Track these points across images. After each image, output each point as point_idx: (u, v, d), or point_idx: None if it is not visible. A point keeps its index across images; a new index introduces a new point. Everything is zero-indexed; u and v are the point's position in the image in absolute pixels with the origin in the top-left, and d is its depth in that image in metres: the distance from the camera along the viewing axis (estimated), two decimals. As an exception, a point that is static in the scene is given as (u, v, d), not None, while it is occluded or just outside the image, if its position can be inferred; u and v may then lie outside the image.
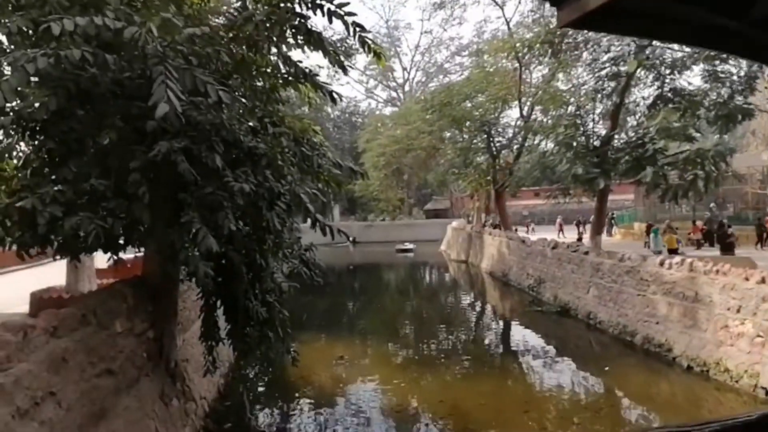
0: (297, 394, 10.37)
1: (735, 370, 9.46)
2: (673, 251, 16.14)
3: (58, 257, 5.45)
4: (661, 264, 12.08)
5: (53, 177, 4.27)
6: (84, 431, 4.05)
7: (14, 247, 4.85)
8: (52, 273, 10.77)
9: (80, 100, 4.16)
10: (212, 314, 6.02)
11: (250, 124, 5.20)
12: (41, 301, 8.04)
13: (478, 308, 21.23)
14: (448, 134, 32.64)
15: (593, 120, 19.10)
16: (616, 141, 17.69)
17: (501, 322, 18.44)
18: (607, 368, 11.44)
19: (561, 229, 31.80)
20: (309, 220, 5.93)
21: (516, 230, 30.02)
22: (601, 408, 9.58)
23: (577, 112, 18.19)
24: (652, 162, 15.27)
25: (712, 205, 26.45)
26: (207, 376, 7.19)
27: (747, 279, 9.59)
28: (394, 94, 64.41)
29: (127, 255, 6.55)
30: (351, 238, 52.96)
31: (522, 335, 15.59)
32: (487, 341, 15.68)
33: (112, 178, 4.11)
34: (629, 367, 11.49)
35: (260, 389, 10.95)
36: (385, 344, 14.61)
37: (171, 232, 4.31)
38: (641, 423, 9.14)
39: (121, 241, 5.91)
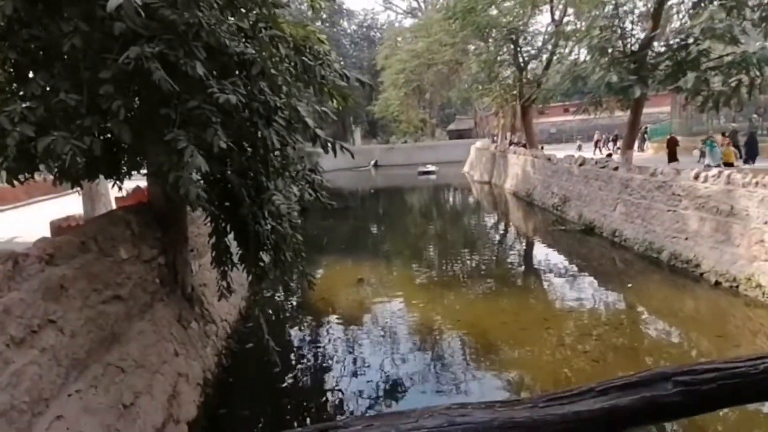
0: (318, 315, 10.64)
1: (768, 285, 9.10)
2: (729, 165, 14.79)
3: (59, 185, 5.30)
4: (696, 177, 11.35)
5: (21, 93, 3.95)
6: (94, 355, 4.10)
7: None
8: (78, 202, 10.90)
9: (41, 2, 3.71)
10: (222, 239, 5.89)
11: (239, 24, 4.63)
12: (60, 229, 8.11)
13: (500, 229, 21.01)
14: (472, 47, 30.52)
15: (632, 21, 17.29)
16: (656, 44, 16.08)
17: (524, 242, 18.25)
18: (630, 285, 11.26)
19: (597, 146, 30.45)
20: (326, 143, 5.55)
21: (542, 148, 28.82)
22: (621, 323, 9.50)
23: (615, 12, 16.43)
24: (694, 66, 13.86)
25: (753, 115, 24.58)
26: (228, 299, 7.29)
27: (791, 191, 8.89)
28: (414, 4, 60.04)
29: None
30: (373, 162, 52.77)
31: (545, 254, 15.42)
32: (509, 261, 15.60)
33: (85, 92, 3.75)
34: (653, 283, 11.27)
35: (282, 311, 11.26)
36: (408, 266, 14.66)
37: (158, 152, 4.01)
38: (662, 337, 9.04)
39: (125, 167, 5.70)
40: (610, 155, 23.56)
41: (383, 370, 7.89)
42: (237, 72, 4.51)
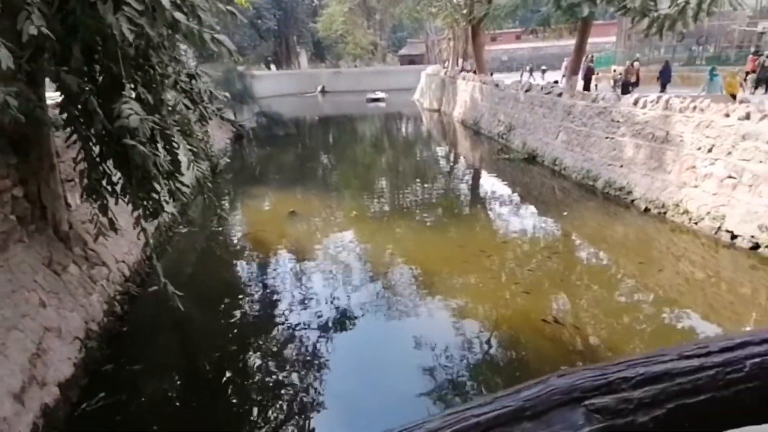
0: (250, 251, 9.99)
1: (696, 212, 9.21)
2: (733, 97, 13.16)
3: None
4: (635, 103, 11.11)
5: None
6: None
7: None
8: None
9: None
10: (96, 166, 4.91)
11: None
12: None
13: (448, 159, 20.60)
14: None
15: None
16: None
17: (470, 172, 17.99)
18: (565, 213, 11.25)
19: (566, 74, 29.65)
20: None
21: (492, 75, 27.95)
22: (557, 250, 9.55)
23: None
24: (645, -15, 13.22)
25: (693, 47, 24.69)
26: (125, 237, 6.41)
27: (728, 115, 8.77)
28: None
29: None
30: (320, 87, 50.11)
31: (489, 184, 15.29)
32: (456, 191, 15.34)
33: None
34: (587, 211, 11.33)
35: (204, 249, 10.46)
36: (356, 197, 14.18)
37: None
38: (591, 263, 9.15)
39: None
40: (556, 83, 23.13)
41: (332, 303, 7.61)
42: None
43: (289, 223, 11.37)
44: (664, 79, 17.11)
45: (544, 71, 29.77)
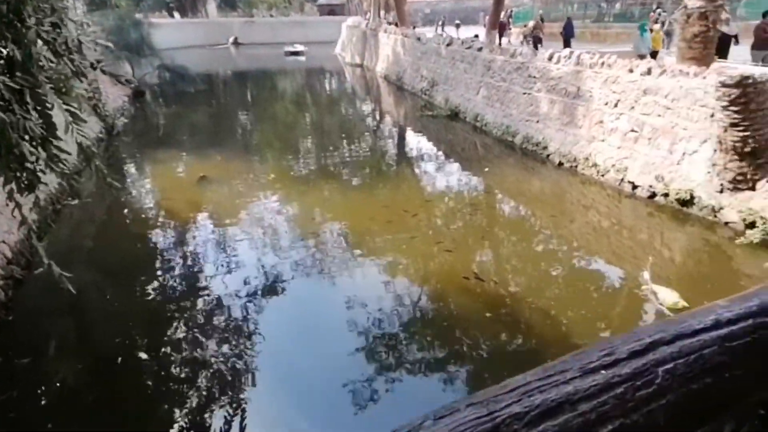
0: (160, 221, 9.21)
1: (603, 164, 9.74)
2: (654, 54, 13.52)
3: None
4: (550, 59, 11.35)
5: None
6: None
7: None
8: None
9: None
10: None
11: None
12: None
13: (372, 117, 20.21)
14: None
15: None
16: None
17: (395, 130, 17.81)
18: (486, 169, 11.49)
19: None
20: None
21: (414, 28, 27.36)
22: (479, 206, 9.79)
23: None
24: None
25: (602, 4, 25.75)
26: (6, 213, 5.53)
27: (631, 71, 9.18)
28: None
29: None
30: (232, 39, 46.63)
31: (414, 142, 15.27)
32: (381, 150, 15.14)
33: None
34: (507, 167, 11.65)
35: (97, 222, 9.48)
36: (278, 158, 13.50)
37: None
38: (511, 217, 9.49)
39: None
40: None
41: (260, 268, 7.33)
42: None
43: (203, 190, 10.60)
44: (567, 34, 17.86)
45: (458, 26, 29.66)
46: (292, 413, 4.74)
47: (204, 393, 4.87)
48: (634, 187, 9.02)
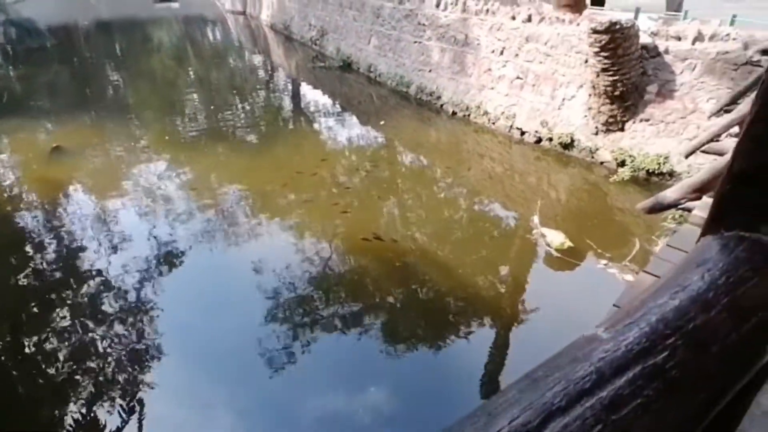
0: (20, 199, 7.86)
1: (493, 112, 10.01)
2: None
3: None
4: (438, 5, 11.19)
5: None
6: None
7: None
8: None
9: None
10: None
11: None
12: None
13: (262, 70, 18.82)
14: None
15: None
16: None
17: (287, 83, 16.76)
18: (382, 122, 11.32)
19: None
20: None
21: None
22: (375, 163, 9.65)
23: None
24: None
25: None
26: None
27: (513, 18, 9.33)
28: None
29: None
30: (90, -15, 40.29)
31: (309, 96, 14.52)
32: (274, 105, 14.20)
33: None
34: (403, 118, 11.57)
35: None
36: (161, 121, 12.04)
37: None
38: (414, 165, 9.52)
39: None
40: None
41: (153, 240, 6.76)
42: None
43: (65, 161, 9.22)
44: None
45: None
46: (205, 389, 4.49)
47: (101, 382, 4.40)
48: (522, 133, 9.43)
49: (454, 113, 11.00)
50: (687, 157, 6.45)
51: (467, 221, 7.53)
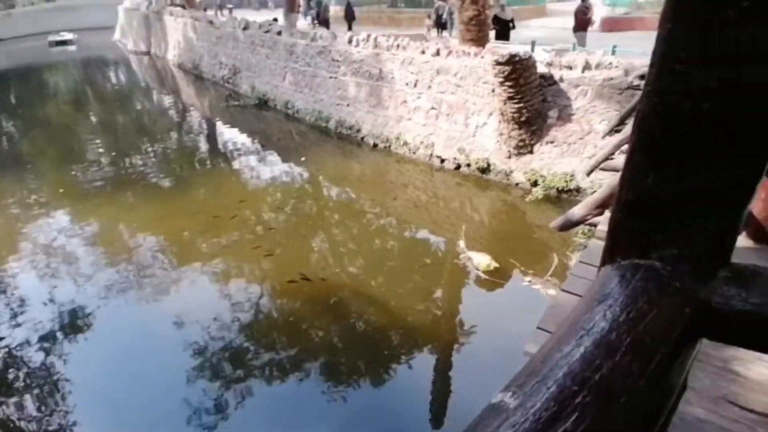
0: None
1: (413, 142, 10.30)
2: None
3: None
4: (350, 42, 11.48)
5: None
6: None
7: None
8: None
9: None
10: None
11: None
12: None
13: (173, 110, 18.03)
14: None
15: None
16: None
17: (201, 124, 16.15)
18: (303, 158, 11.22)
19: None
20: None
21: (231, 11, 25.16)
22: (300, 200, 9.50)
23: None
24: None
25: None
26: None
27: (423, 53, 9.78)
28: None
29: None
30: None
31: (225, 135, 14.09)
32: (188, 147, 13.58)
33: None
34: (325, 153, 11.55)
35: None
36: (62, 170, 11.06)
37: None
38: (341, 199, 9.45)
39: None
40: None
41: (57, 303, 6.13)
42: None
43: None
44: (348, 18, 19.11)
45: (230, 9, 28.49)
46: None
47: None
48: (442, 160, 9.78)
49: (375, 145, 11.18)
50: (588, 174, 7.00)
51: (398, 250, 7.57)
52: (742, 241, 2.45)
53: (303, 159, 11.17)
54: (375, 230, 8.25)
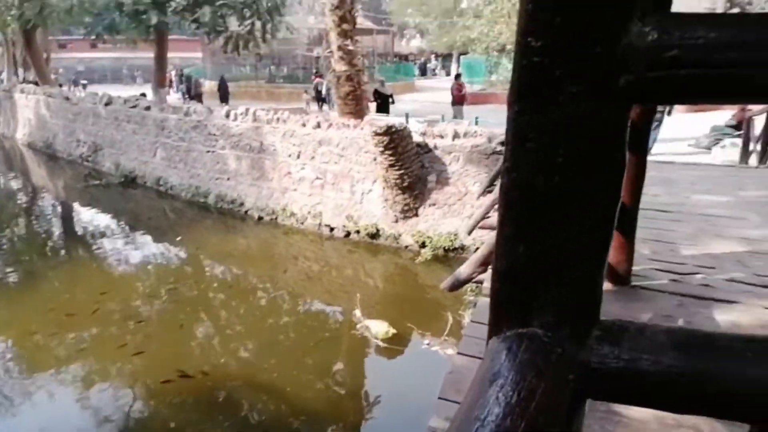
0: None
1: (300, 213, 10.11)
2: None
3: None
4: (228, 116, 11.28)
5: None
6: None
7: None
8: None
9: None
10: None
11: None
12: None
13: (23, 193, 15.71)
14: None
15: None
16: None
17: (56, 207, 14.20)
18: (179, 237, 10.32)
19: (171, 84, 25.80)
20: None
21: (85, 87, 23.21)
22: (179, 280, 8.59)
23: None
24: (210, 2, 13.65)
25: (272, 67, 28.31)
26: None
27: (304, 125, 9.91)
28: None
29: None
30: None
31: (86, 217, 12.47)
32: (43, 233, 11.71)
33: None
34: (206, 230, 10.78)
35: None
36: None
37: None
38: (225, 278, 8.73)
39: None
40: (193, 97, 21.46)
41: None
42: None
43: None
44: (222, 92, 19.22)
45: (84, 85, 27.21)
46: None
47: None
48: (331, 229, 9.69)
49: (260, 218, 10.76)
50: (469, 233, 7.42)
51: (292, 327, 7.08)
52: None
53: (179, 238, 10.26)
54: (265, 308, 7.68)
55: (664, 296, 2.62)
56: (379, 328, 6.33)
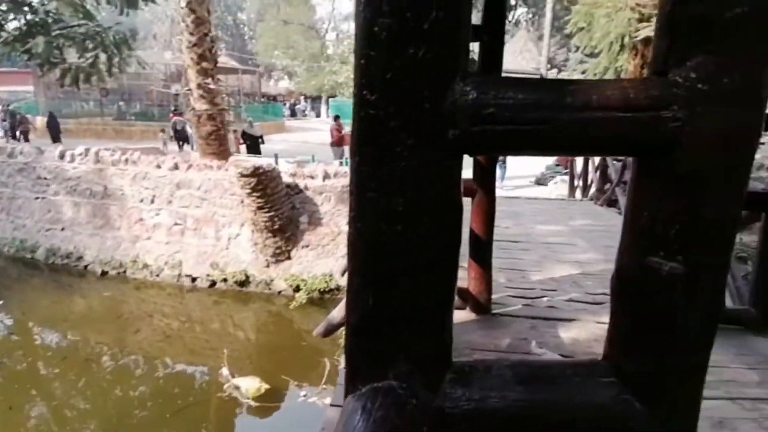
0: None
1: (155, 264, 9.02)
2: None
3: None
4: (62, 157, 9.81)
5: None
6: None
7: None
8: None
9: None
10: None
11: None
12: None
13: None
14: None
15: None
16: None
17: None
18: (1, 302, 8.48)
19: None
20: None
21: None
22: (8, 348, 7.04)
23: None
24: (45, 31, 12.02)
25: (121, 103, 26.05)
26: None
27: (159, 166, 9.01)
28: None
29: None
30: None
31: None
32: None
33: None
34: (33, 291, 9.02)
35: None
36: None
37: None
38: (62, 347, 7.30)
39: None
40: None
41: None
42: None
43: None
44: (52, 130, 17.35)
45: None
46: None
47: None
48: (194, 279, 8.80)
49: (104, 273, 9.35)
50: (343, 274, 7.28)
51: (149, 396, 6.13)
52: (466, 314, 2.71)
53: (0, 303, 8.43)
54: (113, 378, 6.55)
55: (520, 320, 2.75)
56: (250, 386, 5.78)
